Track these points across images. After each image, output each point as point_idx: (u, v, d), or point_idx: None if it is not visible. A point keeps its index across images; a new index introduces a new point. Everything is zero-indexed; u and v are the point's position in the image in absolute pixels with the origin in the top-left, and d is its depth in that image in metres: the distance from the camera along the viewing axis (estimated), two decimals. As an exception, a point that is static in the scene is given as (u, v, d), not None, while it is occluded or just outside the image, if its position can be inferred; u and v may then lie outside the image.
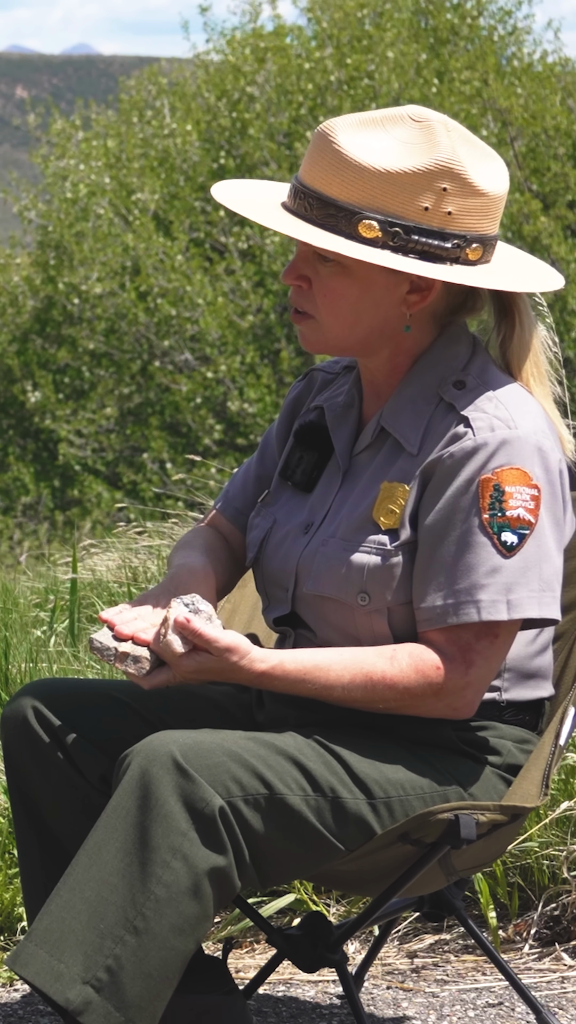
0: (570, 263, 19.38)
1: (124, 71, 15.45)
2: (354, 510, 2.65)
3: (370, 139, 2.56)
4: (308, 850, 2.55)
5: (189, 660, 2.53)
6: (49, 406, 21.39)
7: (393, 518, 2.61)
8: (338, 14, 22.32)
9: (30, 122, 22.93)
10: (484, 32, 23.35)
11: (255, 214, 2.62)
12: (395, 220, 2.55)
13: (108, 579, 6.01)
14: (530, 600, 2.55)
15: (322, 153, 2.57)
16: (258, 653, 2.54)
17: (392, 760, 2.60)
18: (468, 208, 2.58)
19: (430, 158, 2.55)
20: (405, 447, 2.63)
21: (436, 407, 2.62)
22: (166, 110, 22.83)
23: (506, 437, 2.56)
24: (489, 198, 2.59)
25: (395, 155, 2.55)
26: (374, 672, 2.55)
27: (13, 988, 3.35)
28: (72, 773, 2.71)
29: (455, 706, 2.58)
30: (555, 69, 22.57)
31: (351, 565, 2.61)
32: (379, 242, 2.55)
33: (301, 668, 2.56)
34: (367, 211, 2.55)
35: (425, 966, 3.50)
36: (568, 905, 3.56)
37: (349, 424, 2.73)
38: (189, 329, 20.52)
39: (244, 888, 2.56)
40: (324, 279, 2.60)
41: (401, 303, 2.61)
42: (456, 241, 2.58)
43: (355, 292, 2.60)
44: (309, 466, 2.75)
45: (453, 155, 2.57)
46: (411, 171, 2.55)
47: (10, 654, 4.57)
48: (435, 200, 2.56)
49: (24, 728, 2.71)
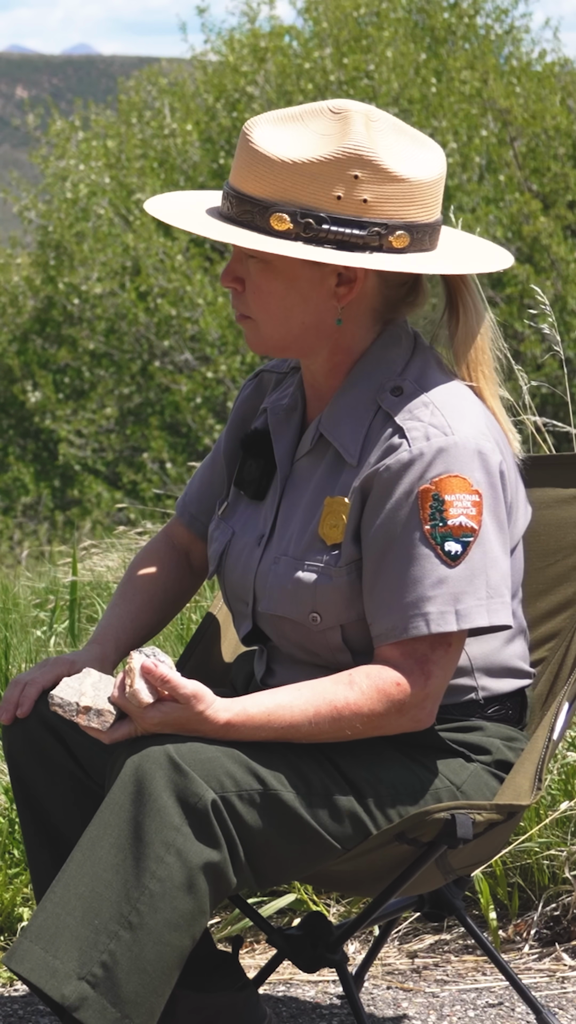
0: (570, 263, 19.38)
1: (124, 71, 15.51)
2: (304, 526, 2.63)
3: (284, 133, 2.55)
4: (304, 848, 2.55)
5: (154, 711, 2.47)
6: (49, 406, 21.39)
7: (336, 533, 2.59)
8: (336, 14, 22.31)
9: (29, 122, 22.92)
10: (481, 31, 23.34)
11: (177, 220, 2.60)
12: (307, 211, 2.53)
13: (108, 579, 6.01)
14: (478, 609, 2.53)
15: (240, 151, 2.57)
16: (222, 703, 2.51)
17: (383, 760, 2.60)
18: (386, 195, 2.54)
19: (338, 146, 2.52)
20: (345, 458, 2.60)
21: (375, 416, 2.60)
22: (166, 110, 22.83)
23: (442, 445, 2.53)
24: (410, 184, 2.54)
25: (304, 146, 2.53)
26: (336, 700, 2.52)
27: (13, 988, 3.35)
28: (76, 771, 2.71)
29: (418, 718, 2.56)
30: (554, 69, 22.56)
31: (300, 584, 2.60)
32: (291, 234, 2.53)
33: (264, 710, 2.52)
34: (279, 204, 2.53)
35: (425, 966, 3.50)
36: (568, 905, 3.56)
37: (291, 428, 2.71)
38: (189, 329, 20.51)
39: (242, 889, 2.57)
40: (254, 278, 2.59)
41: (331, 297, 2.59)
42: (375, 229, 2.54)
43: (281, 288, 2.58)
44: (257, 474, 2.73)
45: (363, 142, 2.52)
46: (318, 160, 2.52)
47: (10, 654, 4.57)
48: (347, 188, 2.52)
49: (26, 729, 2.71)
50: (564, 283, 18.93)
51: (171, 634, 4.88)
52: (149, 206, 2.64)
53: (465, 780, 2.65)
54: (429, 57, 22.42)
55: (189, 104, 22.70)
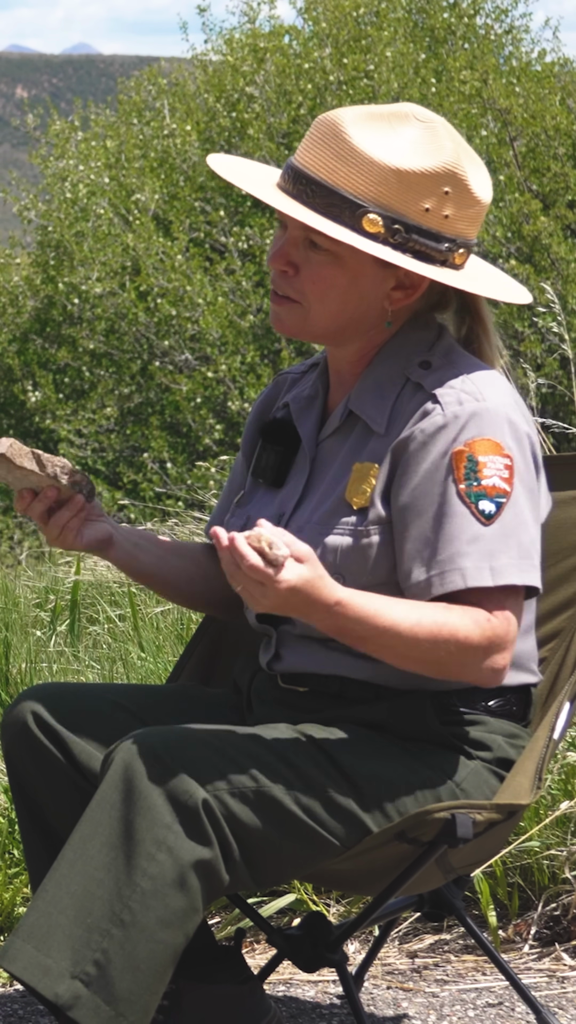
0: (570, 263, 19.36)
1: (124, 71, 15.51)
2: (328, 494, 2.66)
3: (379, 135, 2.58)
4: (299, 846, 2.55)
5: (289, 572, 2.40)
6: (49, 406, 21.37)
7: (364, 497, 2.62)
8: (335, 14, 22.30)
9: (29, 122, 22.90)
10: (481, 31, 23.33)
11: (265, 195, 2.63)
12: (397, 217, 2.58)
13: (109, 579, 6.01)
14: (511, 567, 2.56)
15: (329, 143, 2.59)
16: (332, 580, 2.49)
17: (382, 757, 2.60)
18: (463, 214, 2.62)
19: (439, 160, 2.58)
20: (373, 428, 2.65)
21: (403, 387, 2.65)
22: (166, 110, 22.82)
23: (475, 409, 2.58)
24: (481, 206, 2.63)
25: (405, 154, 2.57)
26: (438, 617, 2.52)
27: (14, 988, 3.35)
28: (74, 775, 2.71)
29: (497, 666, 2.55)
30: (554, 69, 22.54)
31: (325, 547, 2.62)
32: (380, 237, 2.58)
33: (372, 602, 2.50)
34: (372, 206, 2.57)
35: (425, 966, 3.50)
36: (568, 905, 3.56)
37: (314, 413, 2.76)
38: (189, 329, 20.50)
39: (240, 888, 2.57)
40: (315, 267, 2.63)
41: (384, 298, 2.64)
42: (448, 244, 2.62)
43: (344, 282, 2.62)
44: (277, 461, 2.76)
45: (458, 160, 2.60)
46: (420, 171, 2.57)
47: (10, 654, 4.58)
48: (436, 202, 2.59)
49: (24, 732, 2.71)
50: (564, 283, 18.91)
51: (171, 634, 4.88)
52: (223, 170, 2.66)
53: (465, 777, 2.65)
54: (429, 57, 22.41)
55: (189, 104, 22.68)
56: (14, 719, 2.72)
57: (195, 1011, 2.69)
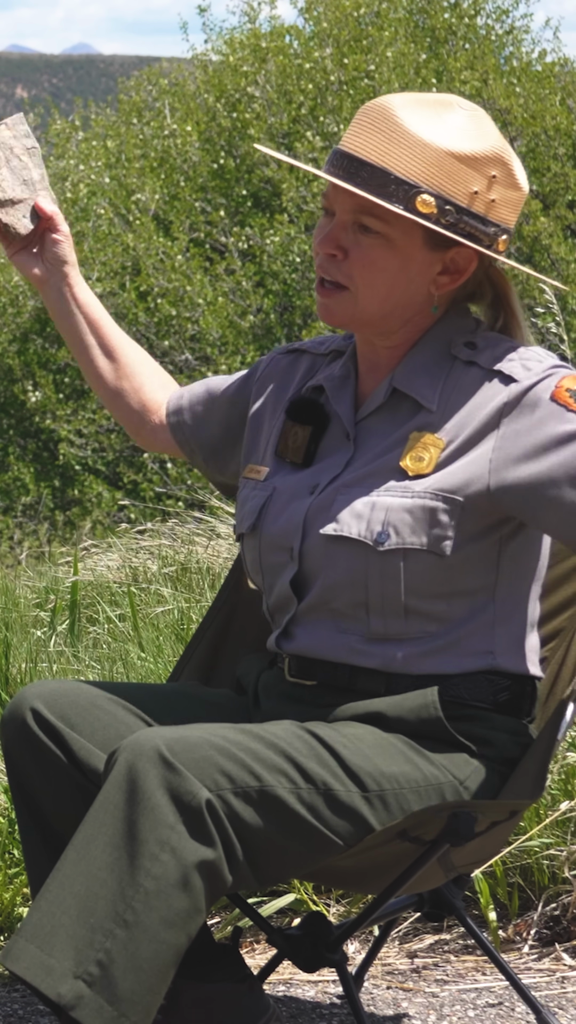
0: (570, 263, 19.36)
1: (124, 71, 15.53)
2: (374, 460, 2.69)
3: (429, 119, 2.63)
4: (302, 845, 2.55)
5: None
6: (49, 406, 21.37)
7: (422, 465, 2.65)
8: (336, 14, 22.30)
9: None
10: (482, 31, 23.33)
11: (324, 173, 2.67)
12: (448, 199, 2.63)
13: (109, 579, 6.01)
14: None
15: (380, 127, 2.63)
16: None
17: (387, 753, 2.60)
18: (507, 199, 2.67)
19: (488, 144, 2.64)
20: (423, 404, 2.68)
21: (452, 366, 2.69)
22: (166, 110, 22.82)
23: (546, 366, 2.65)
24: (522, 194, 2.69)
25: (455, 137, 2.63)
26: None
27: (14, 988, 3.35)
28: (74, 773, 2.71)
29: None
30: (555, 69, 22.54)
31: (375, 505, 2.64)
32: (432, 218, 2.63)
33: None
34: (424, 187, 2.62)
35: (425, 966, 3.50)
36: (568, 905, 3.56)
37: (347, 394, 2.78)
38: (189, 329, 20.50)
39: (242, 887, 2.57)
40: (365, 250, 2.67)
41: (431, 283, 2.69)
42: (494, 228, 2.67)
43: (395, 266, 2.66)
44: (305, 440, 2.77)
45: (504, 147, 2.66)
46: (470, 154, 2.63)
47: (10, 654, 4.58)
48: (484, 186, 2.64)
49: (24, 730, 2.71)
50: (564, 283, 18.91)
51: (171, 634, 4.88)
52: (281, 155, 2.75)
53: (469, 776, 2.65)
54: (429, 57, 22.41)
55: (189, 104, 22.68)
56: (14, 716, 2.72)
57: (193, 1010, 2.69)
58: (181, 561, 5.92)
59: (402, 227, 2.63)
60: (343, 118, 21.20)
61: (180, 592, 5.49)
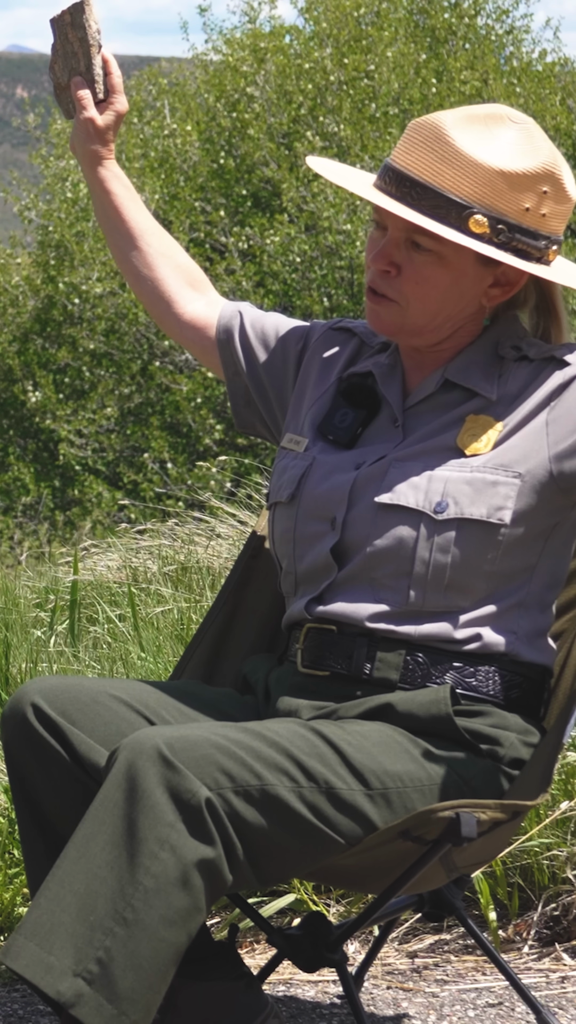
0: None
1: (125, 71, 15.68)
2: (428, 439, 2.72)
3: (480, 137, 2.66)
4: (303, 844, 2.55)
5: None
6: (49, 406, 21.39)
7: (479, 445, 2.69)
8: (336, 14, 22.30)
9: (29, 122, 22.91)
10: (482, 31, 23.34)
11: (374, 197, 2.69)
12: (501, 217, 2.66)
13: (108, 579, 6.01)
14: None
15: (432, 146, 2.65)
16: None
17: (391, 751, 2.60)
18: (558, 212, 2.71)
19: (539, 161, 2.67)
20: (480, 392, 2.72)
21: (503, 363, 2.74)
22: (166, 110, 22.82)
23: None
24: (572, 204, 2.72)
25: (507, 155, 2.66)
26: None
27: (14, 988, 3.36)
28: (74, 769, 2.71)
29: None
30: (555, 69, 22.56)
31: (433, 477, 2.67)
32: (485, 237, 2.66)
33: None
34: (476, 207, 2.64)
35: (425, 966, 3.50)
36: (568, 905, 3.56)
37: (396, 382, 2.81)
38: (189, 329, 20.48)
39: (243, 886, 2.56)
40: (417, 267, 2.70)
41: (481, 295, 2.73)
42: (544, 242, 2.70)
43: (446, 282, 2.70)
44: (351, 422, 2.80)
45: (555, 160, 2.69)
46: (522, 172, 2.65)
47: (10, 654, 4.58)
48: (536, 201, 2.67)
49: (24, 725, 2.71)
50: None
51: (171, 634, 4.88)
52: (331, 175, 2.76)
53: (474, 775, 2.65)
54: (429, 57, 22.42)
55: (189, 104, 22.69)
56: (14, 712, 2.72)
57: (190, 1008, 2.69)
58: (181, 561, 5.91)
59: (454, 245, 2.67)
60: (343, 118, 21.21)
61: (180, 592, 5.49)
